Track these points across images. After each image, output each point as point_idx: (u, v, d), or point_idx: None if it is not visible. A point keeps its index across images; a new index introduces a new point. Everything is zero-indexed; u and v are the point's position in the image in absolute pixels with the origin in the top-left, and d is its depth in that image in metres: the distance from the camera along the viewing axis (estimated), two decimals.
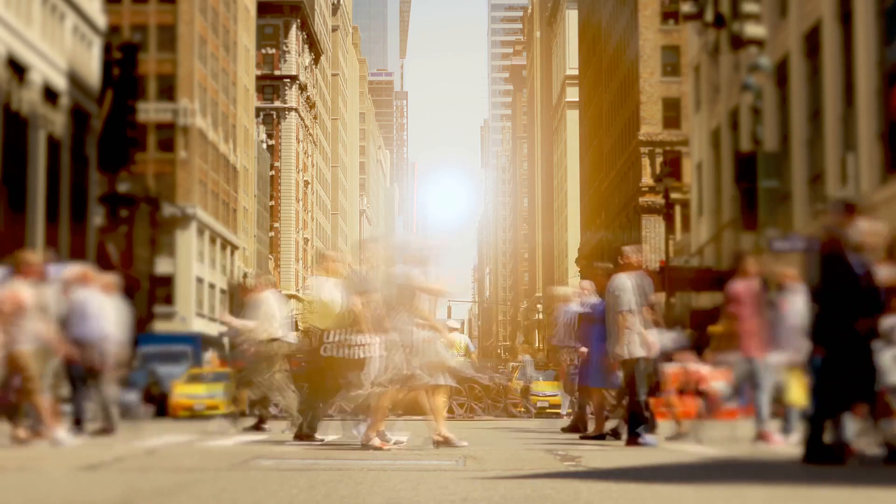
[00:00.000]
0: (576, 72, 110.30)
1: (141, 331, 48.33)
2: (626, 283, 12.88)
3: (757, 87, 26.89)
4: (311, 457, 10.34)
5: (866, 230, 9.35)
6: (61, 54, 53.79)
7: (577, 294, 16.11)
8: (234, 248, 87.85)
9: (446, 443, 11.71)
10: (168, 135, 76.04)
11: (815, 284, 9.58)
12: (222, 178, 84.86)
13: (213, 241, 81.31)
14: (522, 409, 28.95)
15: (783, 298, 13.21)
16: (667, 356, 17.01)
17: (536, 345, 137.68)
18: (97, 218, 59.26)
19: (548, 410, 30.73)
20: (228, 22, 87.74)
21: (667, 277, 41.73)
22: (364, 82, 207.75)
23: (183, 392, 30.50)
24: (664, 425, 14.56)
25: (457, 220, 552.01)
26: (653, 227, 67.10)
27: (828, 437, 9.32)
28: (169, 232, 72.62)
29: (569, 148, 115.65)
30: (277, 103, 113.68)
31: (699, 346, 46.00)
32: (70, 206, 54.90)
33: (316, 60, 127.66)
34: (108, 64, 60.09)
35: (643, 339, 12.56)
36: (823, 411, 9.31)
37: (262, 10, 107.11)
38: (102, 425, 14.59)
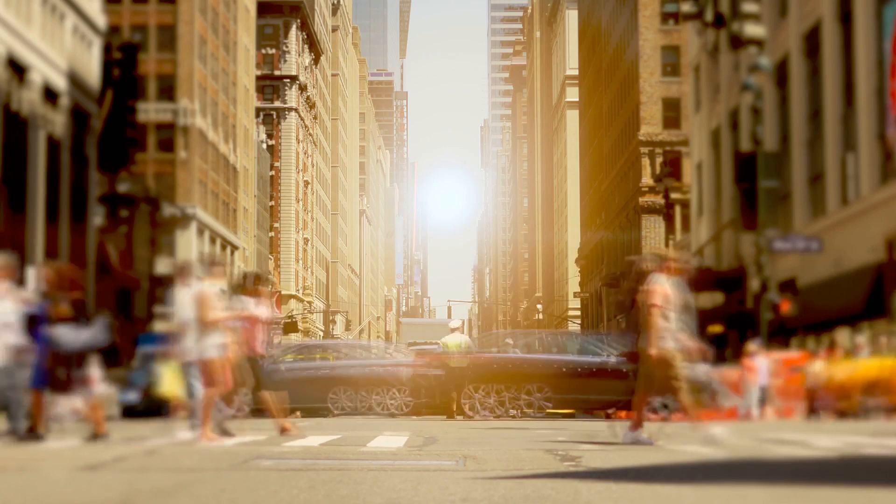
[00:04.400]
0: (576, 72, 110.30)
1: (142, 330, 48.32)
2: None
3: (757, 87, 26.91)
4: (311, 457, 10.35)
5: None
6: (61, 54, 53.79)
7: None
8: (234, 248, 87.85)
9: None
10: (168, 135, 76.04)
11: None
12: (222, 178, 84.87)
13: (213, 241, 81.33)
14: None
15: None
16: None
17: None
18: (97, 218, 59.26)
19: (548, 411, 30.69)
20: (228, 22, 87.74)
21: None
22: (364, 82, 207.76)
23: None
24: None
25: (457, 220, 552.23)
26: (653, 227, 67.10)
27: None
28: (169, 232, 72.63)
29: (569, 148, 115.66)
30: (277, 103, 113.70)
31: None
32: (70, 206, 54.91)
33: (316, 60, 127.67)
34: (108, 64, 60.10)
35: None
36: None
37: (262, 10, 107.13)
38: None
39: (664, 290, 12.65)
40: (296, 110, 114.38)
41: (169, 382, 13.50)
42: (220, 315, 13.64)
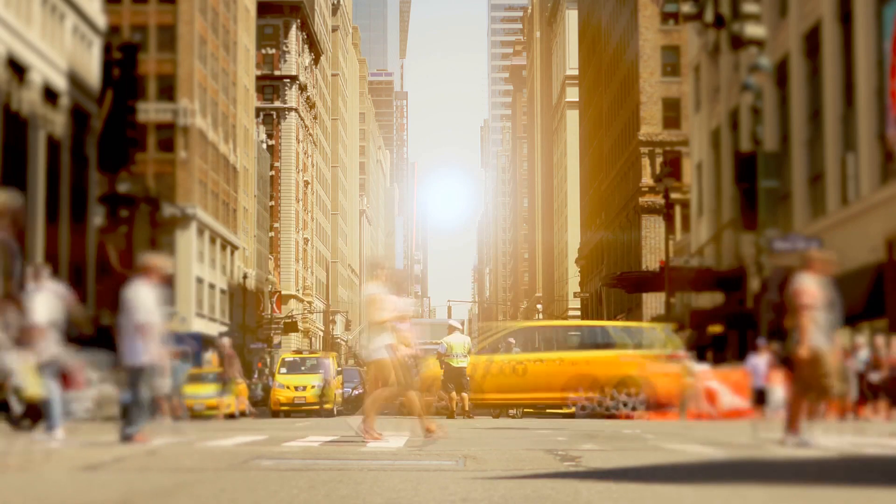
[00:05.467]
0: (576, 72, 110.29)
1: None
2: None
3: (757, 87, 26.89)
4: (311, 457, 10.34)
5: None
6: (61, 54, 53.79)
7: None
8: (234, 248, 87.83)
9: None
10: (168, 135, 76.01)
11: None
12: (222, 178, 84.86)
13: (213, 241, 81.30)
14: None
15: None
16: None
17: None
18: (97, 218, 59.26)
19: (548, 410, 30.74)
20: (228, 22, 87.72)
21: (667, 277, 41.74)
22: (364, 82, 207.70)
23: (183, 392, 30.63)
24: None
25: (457, 220, 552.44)
26: (653, 227, 67.09)
27: None
28: (169, 232, 72.58)
29: (569, 148, 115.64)
30: (277, 103, 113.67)
31: (699, 345, 45.95)
32: (70, 206, 54.91)
33: (316, 60, 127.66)
34: (108, 64, 60.09)
35: None
36: None
37: (262, 10, 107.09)
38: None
39: (812, 290, 12.56)
40: (296, 110, 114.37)
41: (31, 384, 13.43)
42: (388, 316, 13.69)
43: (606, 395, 25.47)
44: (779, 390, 25.30)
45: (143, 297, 12.92)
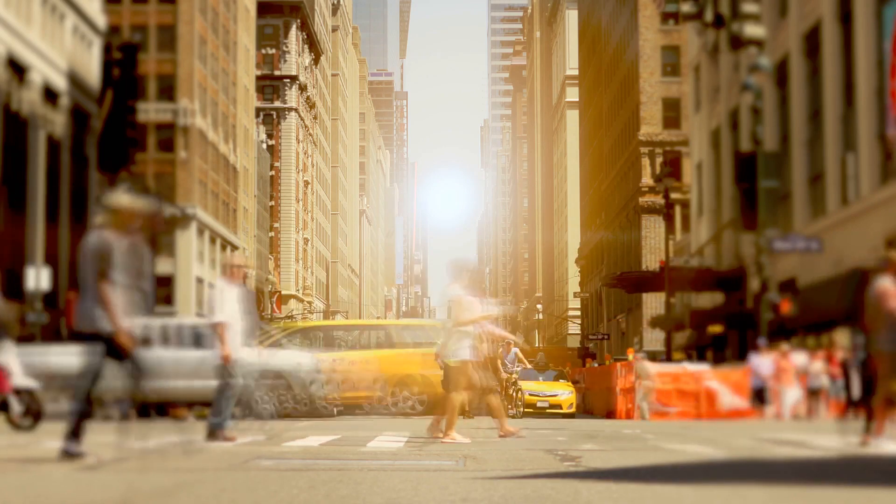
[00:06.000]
0: (576, 72, 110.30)
1: None
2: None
3: (757, 87, 26.90)
4: (311, 457, 10.34)
5: None
6: (61, 54, 53.79)
7: None
8: (234, 248, 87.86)
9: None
10: (168, 135, 76.03)
11: None
12: (222, 178, 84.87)
13: (213, 241, 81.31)
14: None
15: None
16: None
17: (536, 345, 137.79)
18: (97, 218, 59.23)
19: (548, 411, 30.73)
20: (228, 22, 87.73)
21: (667, 277, 41.73)
22: (364, 82, 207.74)
23: None
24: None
25: (457, 220, 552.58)
26: (653, 227, 67.08)
27: None
28: (169, 232, 72.60)
29: (569, 148, 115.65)
30: (277, 103, 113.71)
31: (699, 346, 45.83)
32: (70, 206, 54.89)
33: (316, 60, 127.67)
34: (108, 64, 60.04)
35: None
36: None
37: (262, 10, 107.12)
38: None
39: (893, 290, 12.45)
40: (296, 110, 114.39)
41: None
42: (474, 317, 13.75)
43: (387, 393, 25.65)
44: (791, 391, 25.30)
45: (226, 297, 13.43)
